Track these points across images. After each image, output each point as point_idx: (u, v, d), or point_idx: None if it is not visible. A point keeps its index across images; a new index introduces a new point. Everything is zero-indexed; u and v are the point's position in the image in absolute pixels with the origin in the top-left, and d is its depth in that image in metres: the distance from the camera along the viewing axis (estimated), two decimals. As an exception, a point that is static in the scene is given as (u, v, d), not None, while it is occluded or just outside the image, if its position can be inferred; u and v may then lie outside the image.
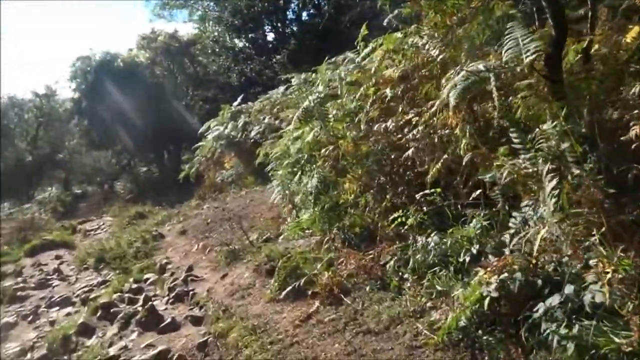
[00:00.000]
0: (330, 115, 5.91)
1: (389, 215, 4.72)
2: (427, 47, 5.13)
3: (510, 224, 3.32)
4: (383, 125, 5.36)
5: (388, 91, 5.37)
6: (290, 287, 4.69)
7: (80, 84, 23.11)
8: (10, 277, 11.21)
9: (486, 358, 2.88)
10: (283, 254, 5.37)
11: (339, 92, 6.05)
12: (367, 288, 4.23)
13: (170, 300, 6.07)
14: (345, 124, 5.90)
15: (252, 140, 12.40)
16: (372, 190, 5.18)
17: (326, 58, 6.99)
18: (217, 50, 22.81)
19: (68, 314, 7.33)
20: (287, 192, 6.34)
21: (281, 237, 6.43)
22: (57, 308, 7.82)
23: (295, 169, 6.32)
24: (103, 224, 16.41)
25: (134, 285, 7.17)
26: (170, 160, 23.58)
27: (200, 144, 14.59)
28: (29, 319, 7.61)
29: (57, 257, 12.11)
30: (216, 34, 22.80)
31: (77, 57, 23.01)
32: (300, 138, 6.35)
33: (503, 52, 3.56)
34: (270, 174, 8.25)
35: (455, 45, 4.86)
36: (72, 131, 27.36)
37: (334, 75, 6.41)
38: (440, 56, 4.89)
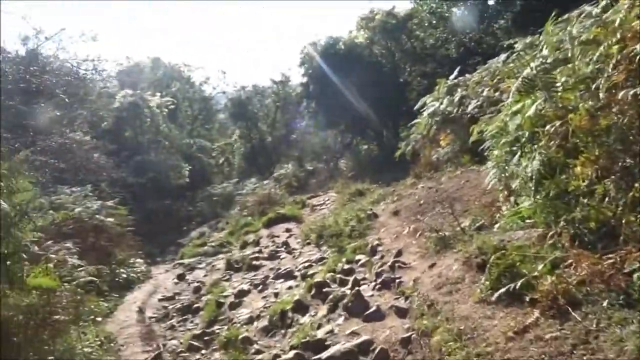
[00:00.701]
0: (558, 84, 4.89)
1: (638, 208, 3.66)
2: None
3: None
4: (631, 92, 4.17)
5: (639, 47, 4.15)
6: (503, 289, 4.04)
7: (308, 69, 25.03)
8: (250, 245, 12.87)
9: None
10: (497, 248, 4.70)
11: (569, 55, 4.96)
12: (605, 303, 3.34)
13: (377, 287, 5.96)
14: (578, 92, 4.82)
15: (469, 116, 11.59)
16: (614, 176, 4.09)
17: (552, 15, 5.80)
18: (434, 22, 21.96)
19: (289, 287, 7.93)
20: (503, 175, 5.56)
21: (496, 226, 5.70)
22: (282, 280, 8.56)
23: (513, 149, 5.49)
24: (328, 200, 17.64)
25: (346, 266, 7.32)
26: (389, 138, 23.90)
27: (416, 121, 14.31)
28: (259, 288, 8.49)
29: (287, 230, 13.40)
30: (433, 5, 21.92)
31: (305, 44, 24.97)
32: (519, 112, 5.45)
33: None
34: (486, 154, 7.47)
35: None
36: (303, 113, 30.03)
37: (563, 35, 5.30)
38: None
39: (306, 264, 8.80)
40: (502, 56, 11.78)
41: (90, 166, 14.37)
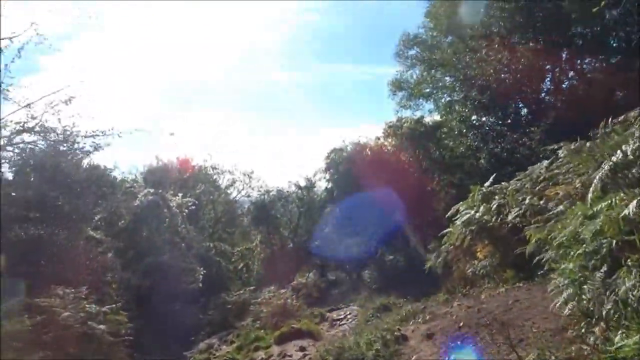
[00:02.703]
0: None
1: None
2: None
3: None
4: None
5: None
6: None
7: (333, 174, 24.57)
8: (262, 367, 11.16)
9: None
10: (591, 405, 3.24)
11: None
12: None
13: None
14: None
15: (509, 225, 10.40)
16: None
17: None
18: (464, 130, 21.52)
19: None
20: (584, 296, 4.19)
21: (577, 367, 4.22)
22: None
23: (594, 262, 4.19)
24: (349, 314, 16.23)
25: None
26: (416, 248, 22.56)
27: (447, 230, 13.08)
28: None
29: (301, 349, 11.75)
30: (463, 114, 21.67)
31: (331, 150, 24.74)
32: (598, 215, 4.22)
33: None
34: (544, 267, 6.14)
35: None
36: (326, 219, 29.05)
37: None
38: None
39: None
40: (545, 162, 10.91)
41: (93, 265, 13.24)
